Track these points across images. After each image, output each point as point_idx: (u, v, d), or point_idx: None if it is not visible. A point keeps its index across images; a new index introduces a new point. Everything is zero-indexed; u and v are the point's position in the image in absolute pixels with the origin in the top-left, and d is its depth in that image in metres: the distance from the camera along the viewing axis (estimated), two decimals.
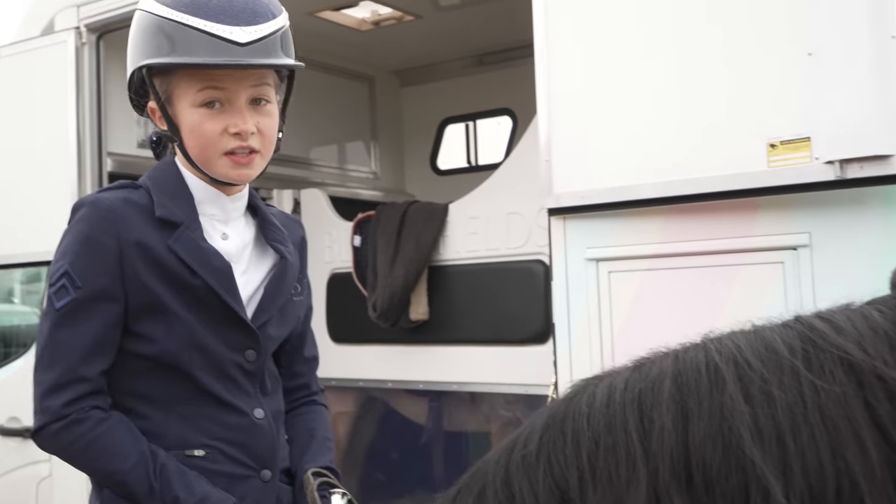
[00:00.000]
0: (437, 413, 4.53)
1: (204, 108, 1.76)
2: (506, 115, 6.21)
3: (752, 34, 2.59)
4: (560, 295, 2.98)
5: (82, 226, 1.75)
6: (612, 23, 2.86)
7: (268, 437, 1.86)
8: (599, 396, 1.07)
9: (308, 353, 2.09)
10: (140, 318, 1.77)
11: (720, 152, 2.62)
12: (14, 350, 5.18)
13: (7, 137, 4.57)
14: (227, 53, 1.70)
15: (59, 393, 1.71)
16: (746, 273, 2.64)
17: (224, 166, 1.78)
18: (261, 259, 1.93)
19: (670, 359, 1.07)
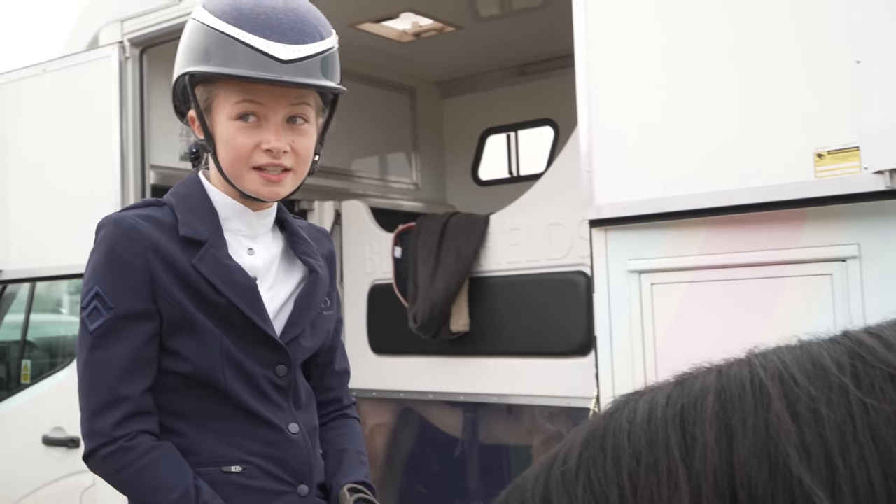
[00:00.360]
0: (478, 426, 4.49)
1: (239, 121, 1.75)
2: (547, 125, 6.17)
3: (799, 41, 2.54)
4: (602, 307, 2.94)
5: (107, 245, 1.74)
6: (653, 31, 2.83)
7: (303, 452, 1.85)
8: (640, 412, 1.04)
9: (339, 367, 2.08)
10: (173, 334, 1.76)
11: (766, 162, 2.57)
12: (60, 360, 5.23)
13: (53, 151, 4.63)
14: (266, 69, 1.70)
15: (105, 415, 1.70)
16: (793, 286, 2.59)
17: (254, 182, 1.77)
18: (289, 273, 1.92)
19: (713, 374, 1.04)
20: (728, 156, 2.65)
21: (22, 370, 5.34)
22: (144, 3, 4.36)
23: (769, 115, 2.59)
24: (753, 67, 2.62)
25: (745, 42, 2.65)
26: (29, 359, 5.38)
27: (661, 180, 2.77)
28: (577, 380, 3.90)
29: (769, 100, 2.59)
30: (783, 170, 2.54)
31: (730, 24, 2.67)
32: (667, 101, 2.79)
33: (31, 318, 5.50)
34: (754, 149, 2.60)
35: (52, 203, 4.62)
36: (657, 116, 2.80)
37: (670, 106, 2.78)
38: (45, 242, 4.65)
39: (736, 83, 2.65)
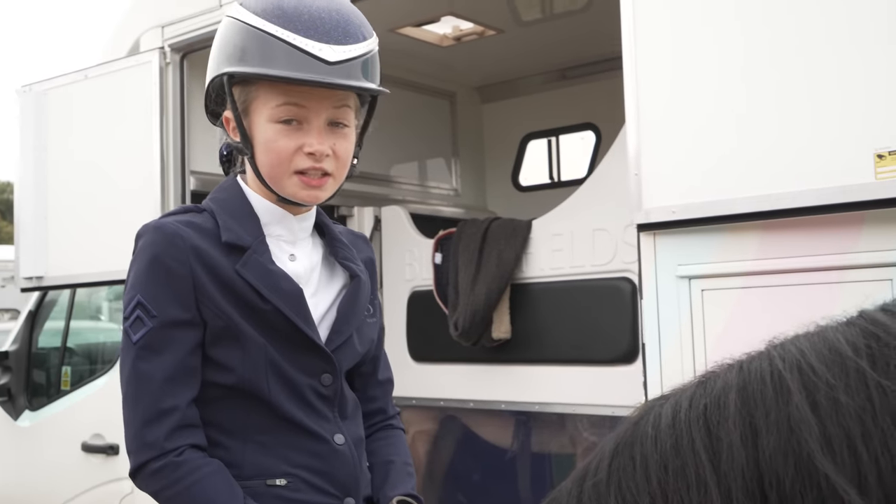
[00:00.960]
0: (520, 434, 4.43)
1: (281, 124, 1.70)
2: (589, 129, 6.10)
3: (856, 38, 2.45)
4: (650, 314, 2.86)
5: (149, 252, 1.70)
6: (703, 30, 2.75)
7: (349, 463, 1.79)
8: (665, 417, 1.01)
9: (382, 377, 2.02)
10: (217, 343, 1.72)
11: (822, 163, 2.48)
12: (100, 367, 5.24)
13: (93, 157, 4.63)
14: (312, 70, 1.65)
15: (153, 427, 1.65)
16: (850, 291, 2.49)
17: (294, 185, 1.73)
18: (331, 279, 1.87)
19: (735, 370, 1.02)
20: (783, 157, 2.57)
21: (62, 376, 5.36)
22: (185, 8, 4.35)
23: (827, 115, 2.50)
24: (807, 65, 2.54)
25: (797, 40, 2.56)
26: (69, 365, 5.40)
27: (713, 183, 2.69)
28: (623, 388, 3.82)
29: (826, 99, 2.50)
30: (841, 171, 2.45)
31: (791, 23, 2.59)
32: (719, 101, 2.70)
33: (71, 324, 5.53)
34: (810, 150, 2.51)
35: (92, 209, 4.63)
36: (708, 117, 2.72)
37: (722, 106, 2.70)
38: (85, 248, 4.65)
39: (790, 83, 2.57)
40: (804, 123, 2.53)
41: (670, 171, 2.79)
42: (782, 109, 2.58)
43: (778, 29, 2.60)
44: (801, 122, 2.54)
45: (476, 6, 5.06)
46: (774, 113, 2.59)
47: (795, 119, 2.55)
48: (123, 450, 4.50)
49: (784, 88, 2.58)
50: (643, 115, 2.84)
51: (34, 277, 4.88)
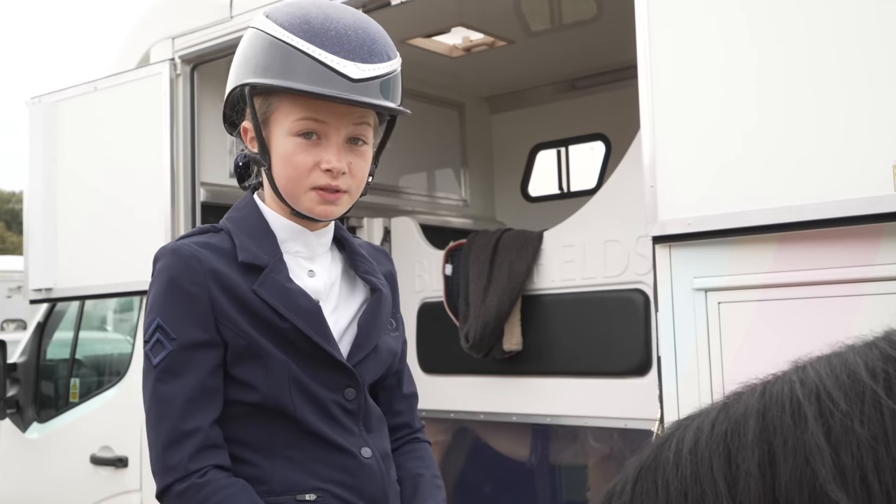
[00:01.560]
0: (531, 446, 4.40)
1: (300, 138, 1.70)
2: (598, 140, 6.09)
3: (875, 48, 2.43)
4: (666, 326, 2.84)
5: (167, 276, 1.70)
6: (719, 40, 2.73)
7: (377, 477, 1.78)
8: (687, 442, 0.99)
9: (407, 390, 2.01)
10: (239, 362, 1.71)
11: (841, 175, 2.46)
12: (108, 378, 5.22)
13: (103, 168, 4.63)
14: (334, 86, 1.63)
15: (176, 449, 1.64)
16: (869, 304, 2.47)
17: (310, 200, 1.72)
18: (351, 294, 1.86)
19: (757, 394, 0.99)
20: (800, 168, 2.55)
21: (71, 388, 5.34)
22: (195, 19, 4.35)
23: (846, 127, 2.47)
24: (825, 76, 2.52)
25: (815, 50, 2.55)
26: (78, 377, 5.38)
27: (729, 194, 2.67)
28: (635, 400, 3.81)
29: (844, 110, 2.48)
30: (860, 183, 2.43)
31: (804, 32, 2.57)
32: (735, 111, 2.69)
33: (80, 335, 5.51)
34: (828, 161, 2.49)
35: (102, 220, 4.62)
36: (724, 128, 2.70)
37: (739, 116, 2.68)
38: (94, 260, 4.64)
39: (808, 93, 2.55)
40: (821, 135, 2.51)
41: (686, 182, 2.78)
42: (800, 121, 2.56)
43: (792, 41, 2.58)
44: (818, 134, 2.52)
45: (486, 17, 5.05)
46: (792, 124, 2.57)
47: (812, 130, 2.53)
48: (132, 462, 4.53)
49: (802, 100, 2.56)
50: (658, 127, 2.82)
51: (43, 289, 4.87)
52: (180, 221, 4.34)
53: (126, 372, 4.76)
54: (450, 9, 4.82)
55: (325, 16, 1.68)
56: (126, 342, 5.99)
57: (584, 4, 5.08)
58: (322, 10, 1.69)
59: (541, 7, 5.15)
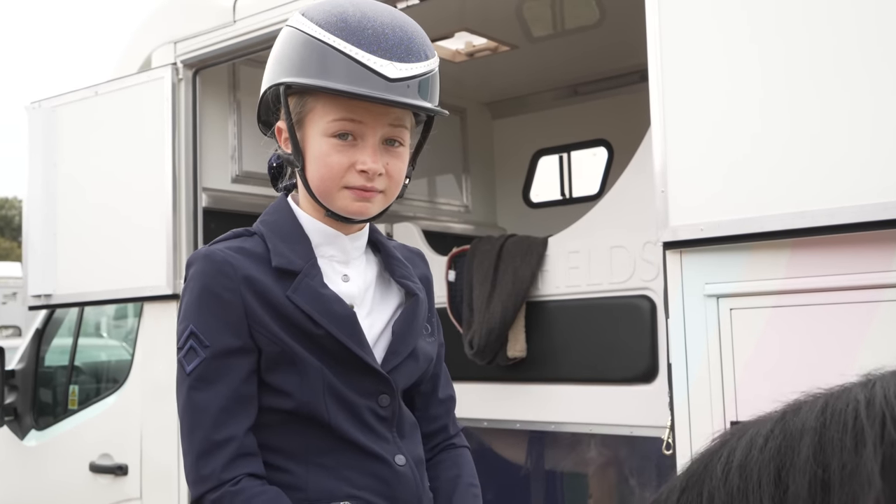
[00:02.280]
0: (535, 453, 4.38)
1: (335, 139, 1.66)
2: (601, 145, 6.07)
3: (892, 54, 2.41)
4: (676, 333, 2.81)
5: (199, 281, 1.67)
6: (732, 45, 2.71)
7: (412, 484, 1.75)
8: (738, 454, 0.95)
9: (444, 395, 1.96)
10: (274, 369, 1.68)
11: (858, 180, 2.43)
12: (108, 385, 5.18)
13: (104, 173, 4.59)
14: (372, 86, 1.60)
15: (211, 458, 1.62)
16: (885, 311, 2.44)
17: (344, 199, 1.68)
18: (385, 298, 1.82)
19: (818, 409, 0.93)
20: (814, 174, 2.52)
21: (69, 395, 5.30)
22: (198, 24, 4.32)
23: (860, 131, 2.45)
24: (843, 79, 2.49)
25: (832, 53, 2.52)
26: (77, 384, 5.34)
27: (741, 200, 2.64)
28: (641, 407, 3.78)
29: (863, 113, 2.45)
30: (875, 188, 2.40)
31: (826, 35, 2.55)
32: (746, 116, 2.66)
33: (79, 342, 5.47)
34: (845, 165, 2.47)
35: (102, 226, 4.58)
36: (736, 133, 2.68)
37: (749, 122, 2.65)
38: (94, 266, 4.61)
39: (823, 96, 2.52)
40: (839, 139, 2.49)
41: (698, 187, 2.75)
42: (814, 125, 2.53)
43: (816, 44, 2.56)
44: (836, 138, 2.49)
45: (489, 22, 5.03)
46: (806, 128, 2.55)
47: (830, 134, 2.51)
48: (132, 470, 4.48)
49: (819, 103, 2.54)
50: (670, 132, 2.80)
51: (42, 295, 4.83)
52: (182, 227, 4.31)
53: (126, 379, 4.72)
54: (453, 13, 4.80)
55: (361, 14, 1.65)
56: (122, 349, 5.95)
57: (586, 10, 5.07)
58: (359, 9, 1.66)
59: (543, 12, 5.14)
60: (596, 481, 4.24)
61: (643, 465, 3.99)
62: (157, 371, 4.43)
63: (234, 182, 4.77)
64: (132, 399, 4.60)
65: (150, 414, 4.45)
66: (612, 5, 4.84)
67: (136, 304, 4.67)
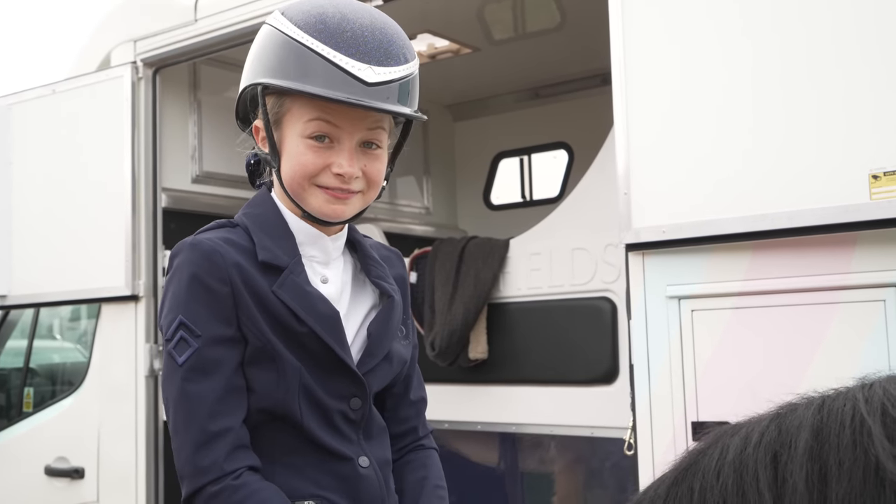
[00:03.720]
0: (497, 455, 4.38)
1: (311, 140, 1.65)
2: (561, 148, 6.10)
3: (852, 60, 2.45)
4: (639, 334, 2.84)
5: (187, 270, 1.64)
6: (695, 49, 2.74)
7: (375, 486, 1.74)
8: (732, 450, 0.96)
9: (415, 396, 1.95)
10: (253, 364, 1.66)
11: (816, 184, 2.48)
12: (64, 388, 5.11)
13: (61, 173, 4.53)
14: (350, 90, 1.59)
15: (210, 450, 1.59)
16: (843, 312, 2.49)
17: (318, 199, 1.67)
18: (360, 299, 1.81)
19: (813, 408, 0.95)
20: (775, 177, 2.56)
21: (24, 398, 5.22)
22: (159, 22, 4.28)
23: (821, 135, 2.49)
24: (804, 85, 2.54)
25: (792, 61, 2.56)
26: (32, 386, 5.26)
27: (703, 203, 2.68)
28: (602, 409, 3.80)
29: (820, 119, 2.50)
30: (835, 192, 2.44)
31: (779, 40, 2.59)
32: (711, 119, 2.70)
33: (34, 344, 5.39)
34: (804, 170, 2.51)
35: (59, 227, 4.52)
36: (699, 136, 2.71)
37: (712, 126, 2.69)
38: (51, 267, 4.55)
39: (784, 101, 2.56)
40: (799, 144, 2.53)
41: (660, 190, 2.78)
42: (775, 129, 2.57)
43: (767, 49, 2.60)
44: (796, 143, 2.53)
45: (451, 24, 5.04)
46: (767, 133, 2.59)
47: (789, 139, 2.55)
48: (89, 473, 4.43)
49: (776, 108, 2.58)
50: (633, 135, 2.82)
51: None
52: (141, 228, 4.27)
53: (83, 381, 4.66)
54: (415, 15, 4.80)
55: (341, 15, 1.63)
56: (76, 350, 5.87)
57: (547, 13, 5.09)
58: (338, 10, 1.65)
59: (504, 15, 5.14)
60: (557, 482, 4.26)
61: (604, 465, 4.02)
62: (115, 372, 4.38)
63: (195, 182, 4.73)
64: (89, 401, 4.54)
65: (107, 416, 4.40)
66: (573, 9, 4.87)
67: (91, 306, 4.61)
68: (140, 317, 4.24)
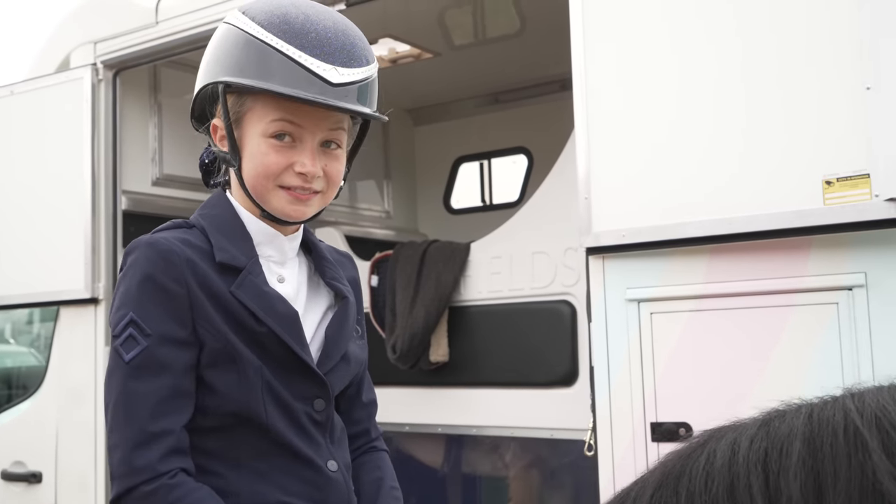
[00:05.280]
0: (456, 458, 4.41)
1: (273, 139, 1.66)
2: (521, 153, 6.15)
3: (806, 67, 2.52)
4: (599, 337, 2.88)
5: (142, 269, 1.63)
6: (655, 55, 2.79)
7: (343, 490, 1.75)
8: (721, 454, 0.96)
9: (367, 398, 1.98)
10: (213, 366, 1.65)
11: (772, 189, 2.54)
12: (20, 392, 5.05)
13: (20, 175, 4.49)
14: (314, 90, 1.61)
15: (147, 449, 1.56)
16: (798, 315, 2.55)
17: (280, 200, 1.69)
18: (315, 300, 1.82)
19: (803, 416, 0.95)
20: (732, 182, 2.61)
21: None
22: (119, 24, 4.26)
23: (776, 141, 2.55)
24: (759, 92, 2.59)
25: (752, 66, 2.62)
26: None
27: (663, 207, 2.73)
28: (561, 411, 3.85)
29: (776, 125, 2.56)
30: (790, 197, 2.50)
31: (737, 48, 2.64)
32: (669, 126, 2.75)
33: None
34: (760, 175, 2.57)
35: (17, 230, 4.48)
36: (658, 141, 2.76)
37: (673, 131, 2.74)
38: (9, 269, 4.50)
39: (741, 107, 2.62)
40: (754, 149, 2.58)
41: (620, 194, 2.82)
42: (732, 136, 2.63)
43: (726, 55, 2.66)
44: (751, 148, 2.59)
45: (411, 30, 5.06)
46: (724, 139, 2.64)
47: (744, 145, 2.60)
48: (47, 477, 4.38)
49: (734, 115, 2.63)
50: (593, 139, 2.87)
51: None
52: (101, 230, 4.24)
53: (40, 384, 4.61)
54: (376, 19, 4.81)
55: (304, 17, 1.65)
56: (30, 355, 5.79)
57: (506, 19, 5.13)
58: (301, 11, 1.66)
59: (464, 20, 5.18)
60: (517, 484, 4.30)
61: (563, 467, 4.06)
62: (73, 376, 4.34)
63: (155, 185, 4.71)
64: (47, 405, 4.49)
65: (65, 420, 4.36)
66: (533, 15, 4.91)
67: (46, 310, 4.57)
68: (100, 320, 4.21)
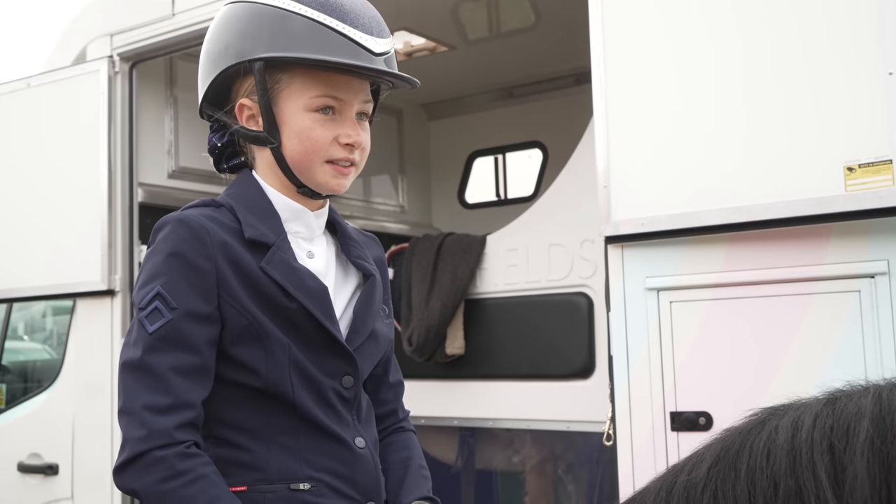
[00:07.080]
0: (472, 451, 4.41)
1: (318, 114, 1.68)
2: (536, 147, 6.14)
3: (827, 53, 2.50)
4: (618, 326, 2.87)
5: (171, 244, 1.63)
6: (674, 42, 2.78)
7: (371, 467, 1.75)
8: (783, 431, 0.95)
9: (394, 379, 1.98)
10: (240, 343, 1.65)
11: (792, 176, 2.52)
12: (38, 385, 5.07)
13: (36, 168, 4.50)
14: (364, 59, 1.64)
15: (164, 416, 1.55)
16: (819, 302, 2.53)
17: (325, 174, 1.70)
18: (345, 278, 1.82)
19: (871, 396, 0.94)
20: (751, 169, 2.60)
21: None
22: (136, 16, 4.27)
23: (797, 128, 2.54)
24: (780, 79, 2.58)
25: (770, 54, 2.61)
26: (4, 383, 5.22)
27: (682, 195, 2.72)
28: (578, 403, 3.84)
29: (796, 113, 2.55)
30: (811, 183, 2.49)
31: (753, 34, 2.63)
32: (688, 113, 2.74)
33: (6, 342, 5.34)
34: (781, 162, 2.55)
35: (34, 222, 4.49)
36: (677, 129, 2.75)
37: (691, 119, 2.73)
38: (26, 262, 4.51)
39: (761, 96, 2.61)
40: (774, 136, 2.57)
41: (639, 183, 2.81)
42: (752, 122, 2.62)
43: (750, 42, 2.64)
44: (771, 135, 2.58)
45: (426, 23, 5.06)
46: (744, 126, 2.63)
47: (765, 132, 2.59)
48: (63, 469, 4.40)
49: (754, 101, 2.62)
50: (612, 128, 2.86)
51: None
52: (117, 223, 4.25)
53: (57, 377, 4.62)
54: (390, 12, 4.80)
55: None
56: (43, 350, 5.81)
57: (521, 13, 5.13)
58: None
59: (479, 14, 5.17)
60: (533, 476, 4.30)
61: (579, 459, 4.06)
62: (90, 368, 4.35)
63: (171, 177, 4.71)
64: (63, 397, 4.51)
65: (82, 412, 4.37)
66: (548, 9, 4.90)
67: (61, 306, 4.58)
68: (116, 312, 4.22)
